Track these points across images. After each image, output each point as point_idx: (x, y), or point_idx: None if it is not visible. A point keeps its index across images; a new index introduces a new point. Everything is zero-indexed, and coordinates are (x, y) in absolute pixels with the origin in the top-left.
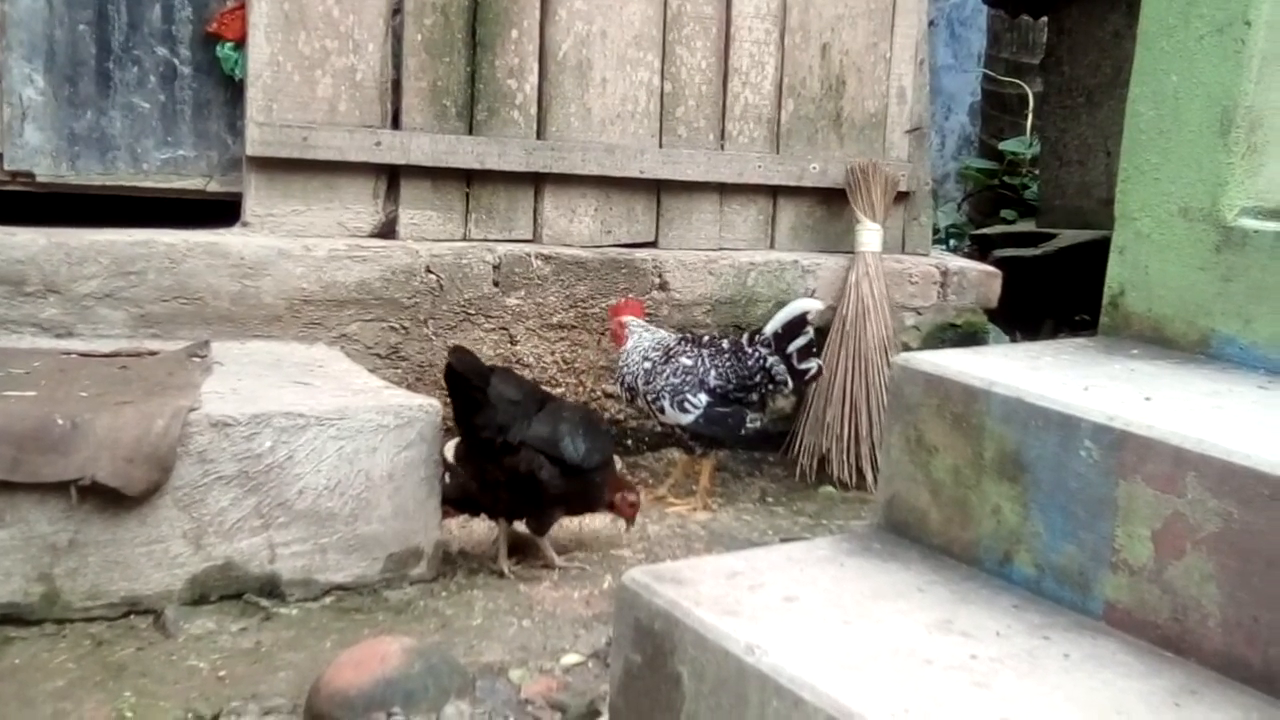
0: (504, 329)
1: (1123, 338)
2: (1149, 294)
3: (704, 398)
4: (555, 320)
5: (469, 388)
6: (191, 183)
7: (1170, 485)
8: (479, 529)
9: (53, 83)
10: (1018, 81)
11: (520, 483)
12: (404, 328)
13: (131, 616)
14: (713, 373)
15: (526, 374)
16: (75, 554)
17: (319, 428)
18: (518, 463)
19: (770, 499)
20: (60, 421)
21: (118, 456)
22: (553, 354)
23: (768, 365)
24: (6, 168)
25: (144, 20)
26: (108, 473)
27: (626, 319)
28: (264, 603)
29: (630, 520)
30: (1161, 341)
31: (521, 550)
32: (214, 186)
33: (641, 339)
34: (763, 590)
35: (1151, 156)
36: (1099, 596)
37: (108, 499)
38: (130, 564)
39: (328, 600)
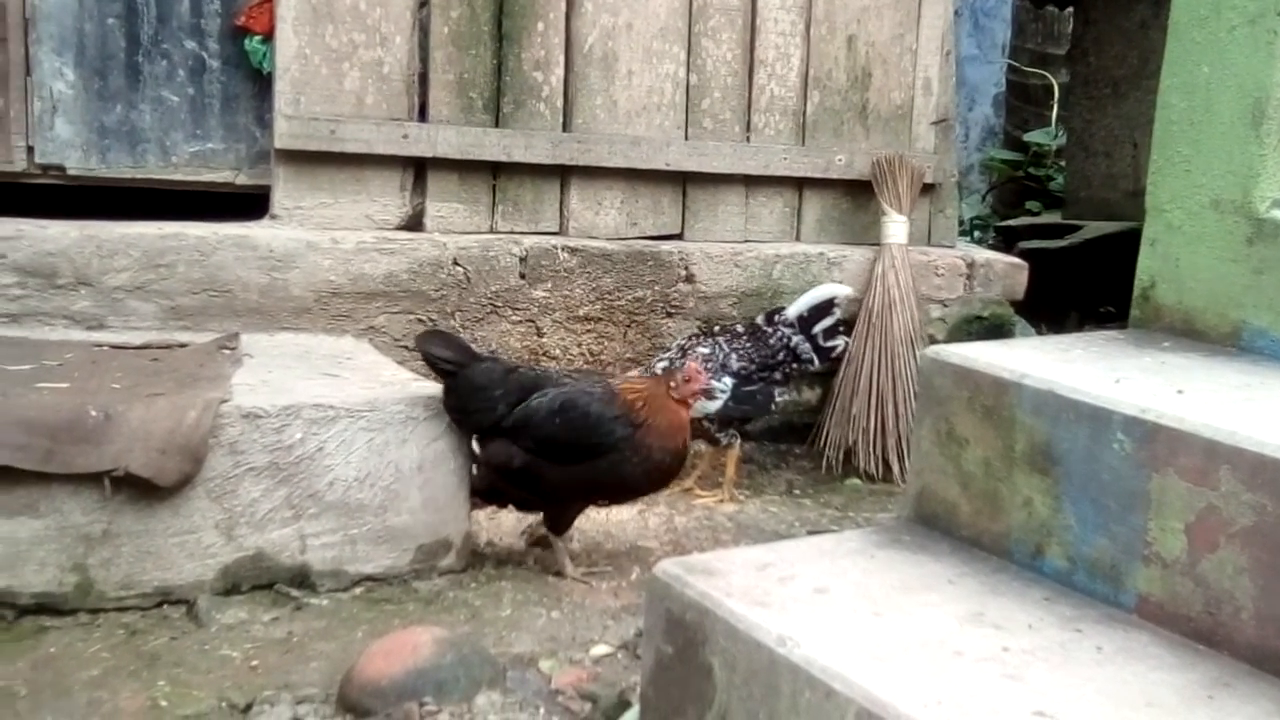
0: (531, 321)
1: (1153, 330)
2: (1180, 286)
3: (728, 380)
4: (582, 312)
5: (441, 374)
6: (220, 175)
7: (1203, 478)
8: (507, 520)
9: (83, 76)
10: (1043, 72)
11: (511, 475)
12: (431, 320)
13: (164, 606)
14: (733, 356)
15: (552, 366)
16: (109, 544)
17: (349, 419)
18: (491, 455)
19: (797, 491)
20: (94, 413)
21: (150, 448)
22: (579, 346)
23: (792, 344)
24: (37, 161)
25: (173, 14)
26: (141, 464)
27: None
28: (295, 593)
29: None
30: (1192, 334)
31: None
32: (242, 179)
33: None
34: (793, 582)
35: (1183, 148)
36: (1131, 589)
37: (141, 490)
38: (163, 554)
39: (358, 591)
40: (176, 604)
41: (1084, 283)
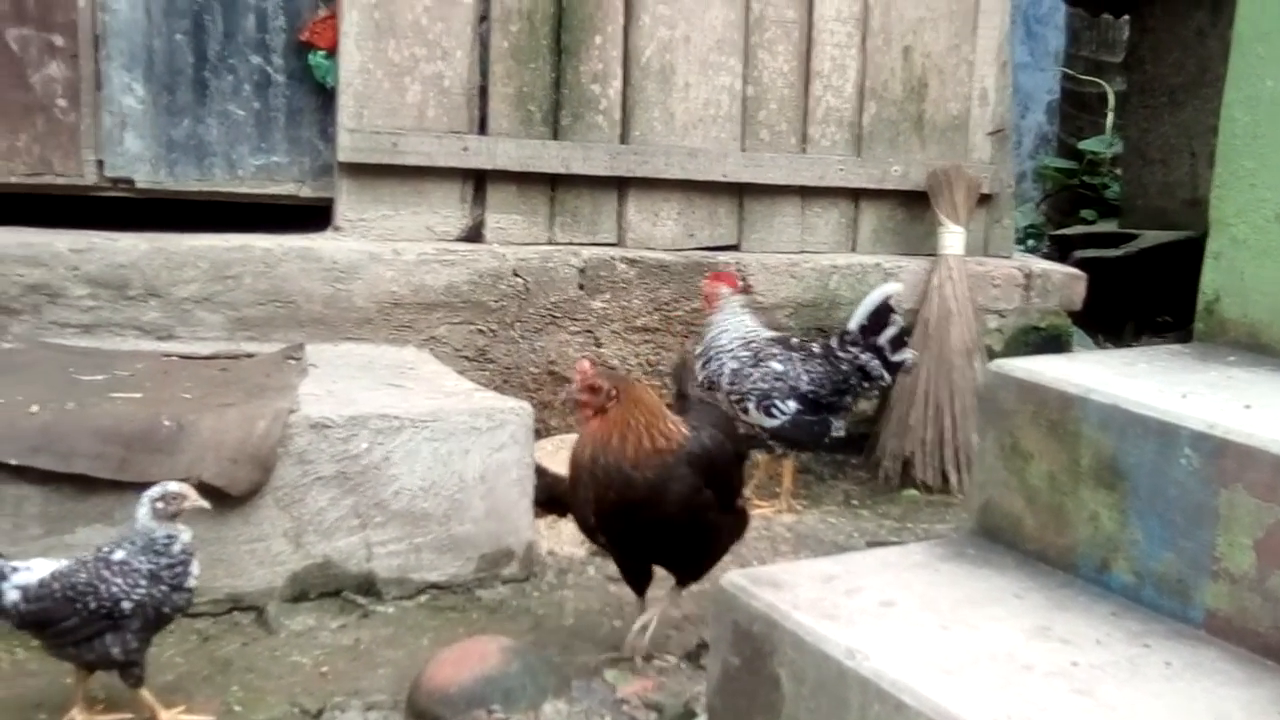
0: (589, 331)
1: (1218, 344)
2: (1245, 300)
3: (793, 405)
4: (639, 323)
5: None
6: (284, 188)
7: (1272, 494)
8: (567, 530)
9: (151, 91)
10: (1098, 80)
11: None
12: (491, 330)
13: (235, 613)
14: (805, 378)
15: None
16: None
17: (414, 430)
18: None
19: (854, 501)
20: (167, 423)
21: (222, 457)
22: (637, 356)
23: (862, 364)
24: (107, 174)
25: (239, 29)
26: (213, 473)
27: (721, 288)
28: (361, 600)
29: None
30: (1258, 348)
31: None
32: (306, 192)
33: (729, 321)
34: (859, 595)
35: (1247, 162)
36: (1199, 605)
37: (212, 499)
38: (234, 561)
39: (422, 599)
40: (247, 610)
41: (1141, 292)
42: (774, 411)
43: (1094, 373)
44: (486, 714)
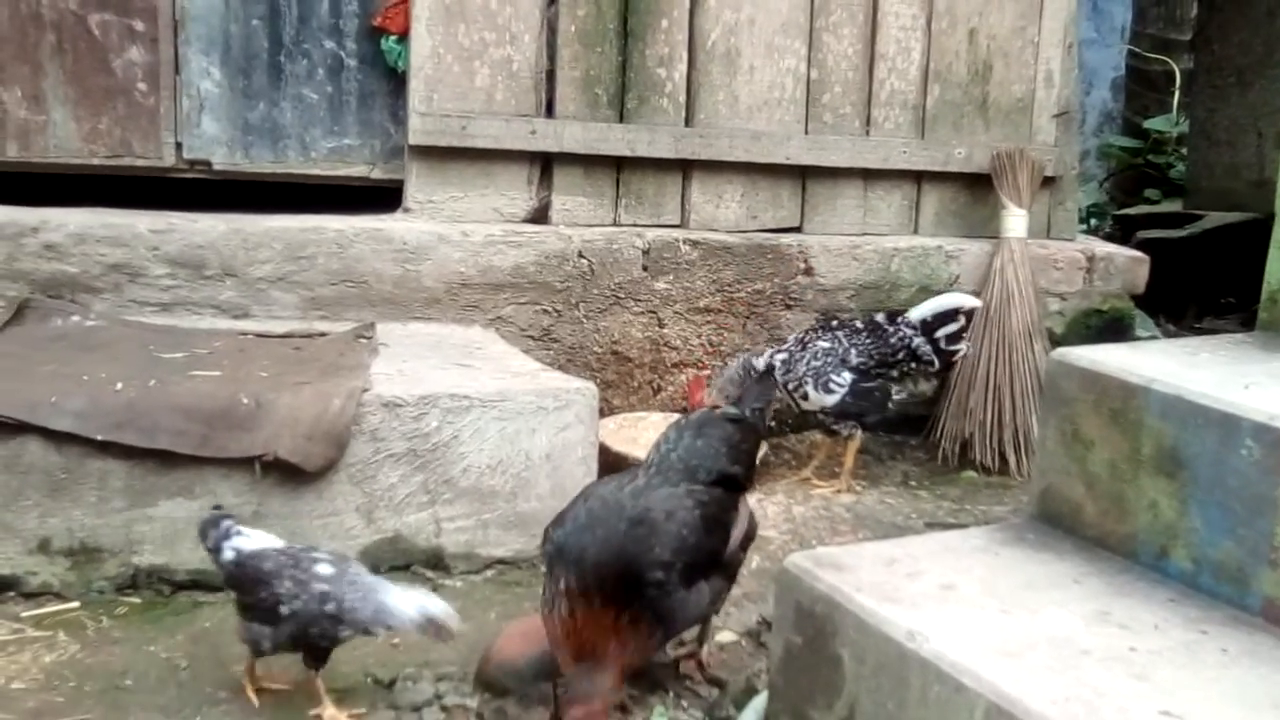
0: (652, 312)
1: None
2: None
3: (848, 375)
4: (702, 304)
5: None
6: (356, 170)
7: None
8: None
9: (228, 75)
10: (1164, 58)
11: None
12: (556, 311)
13: None
14: (853, 351)
15: (673, 356)
16: (258, 525)
17: (482, 409)
18: None
19: (913, 482)
20: (245, 401)
21: (298, 434)
22: (699, 337)
23: (913, 345)
24: (185, 156)
25: (313, 15)
26: (289, 449)
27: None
28: (429, 574)
29: None
30: None
31: None
32: (377, 174)
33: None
34: (921, 578)
35: None
36: (1257, 592)
37: (287, 474)
38: (307, 535)
39: (489, 573)
40: None
41: (1204, 274)
42: (832, 386)
43: (1156, 363)
44: (553, 687)
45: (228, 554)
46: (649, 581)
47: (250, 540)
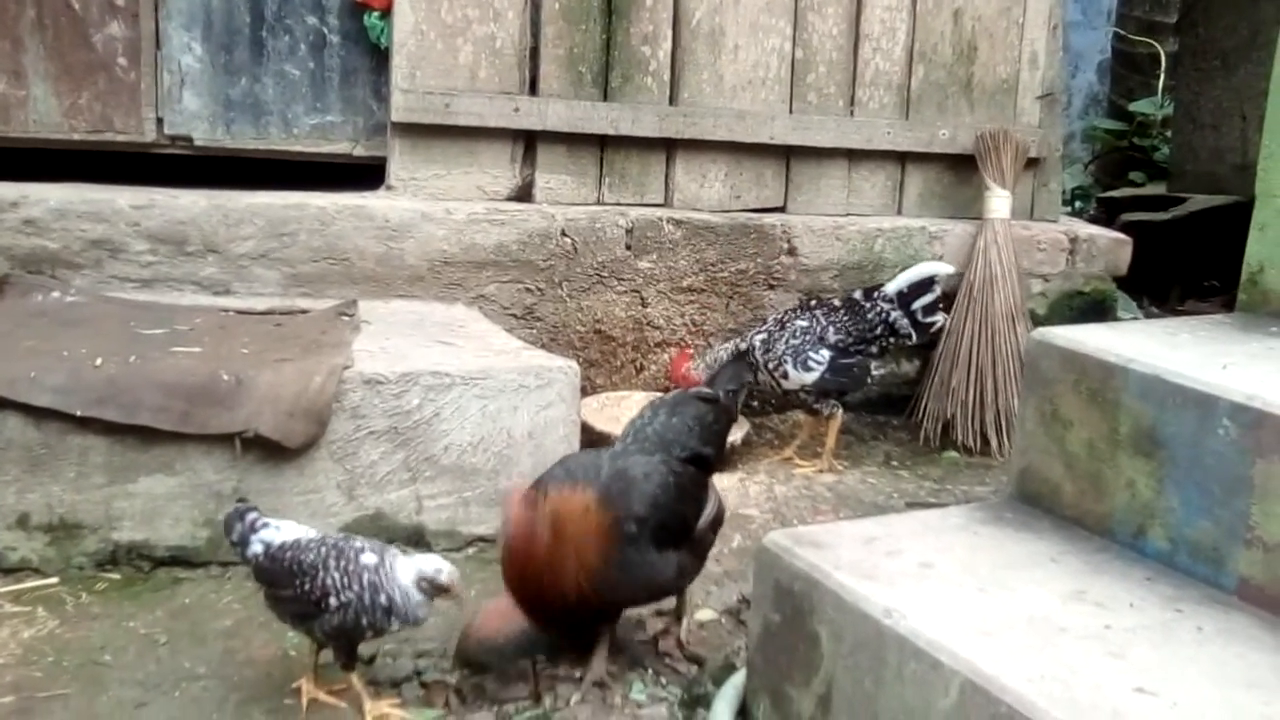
0: (635, 292)
1: (1261, 315)
2: None
3: (826, 353)
4: (685, 284)
5: None
6: (339, 147)
7: None
8: None
9: (209, 51)
10: (1150, 41)
11: None
12: (539, 289)
13: None
14: (830, 329)
15: (656, 335)
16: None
17: (464, 386)
18: None
19: (895, 462)
20: (226, 377)
21: (279, 411)
22: (682, 316)
23: (889, 319)
24: (166, 132)
25: None
26: (270, 426)
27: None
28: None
29: None
30: None
31: None
32: (360, 151)
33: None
34: (899, 557)
35: None
36: (1232, 572)
37: (269, 451)
38: (289, 512)
39: (470, 551)
40: None
41: (1188, 256)
42: (810, 364)
43: (1135, 343)
44: (532, 664)
45: (255, 547)
46: (623, 533)
47: (279, 532)
